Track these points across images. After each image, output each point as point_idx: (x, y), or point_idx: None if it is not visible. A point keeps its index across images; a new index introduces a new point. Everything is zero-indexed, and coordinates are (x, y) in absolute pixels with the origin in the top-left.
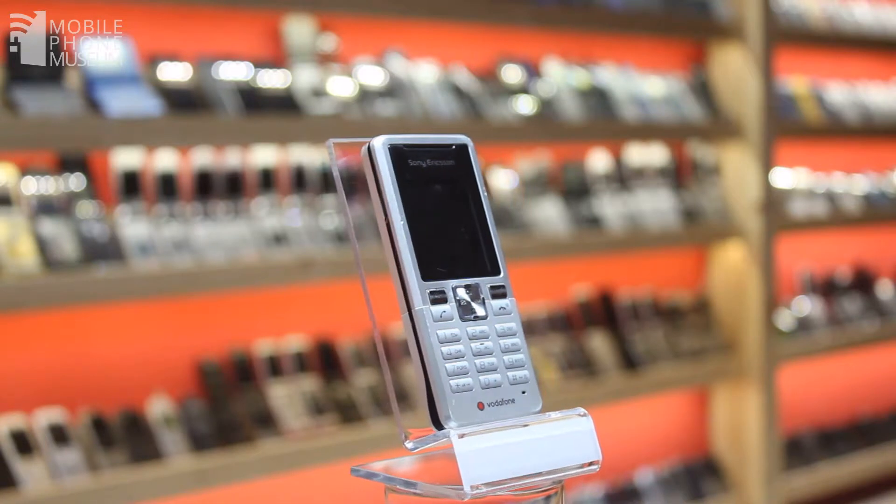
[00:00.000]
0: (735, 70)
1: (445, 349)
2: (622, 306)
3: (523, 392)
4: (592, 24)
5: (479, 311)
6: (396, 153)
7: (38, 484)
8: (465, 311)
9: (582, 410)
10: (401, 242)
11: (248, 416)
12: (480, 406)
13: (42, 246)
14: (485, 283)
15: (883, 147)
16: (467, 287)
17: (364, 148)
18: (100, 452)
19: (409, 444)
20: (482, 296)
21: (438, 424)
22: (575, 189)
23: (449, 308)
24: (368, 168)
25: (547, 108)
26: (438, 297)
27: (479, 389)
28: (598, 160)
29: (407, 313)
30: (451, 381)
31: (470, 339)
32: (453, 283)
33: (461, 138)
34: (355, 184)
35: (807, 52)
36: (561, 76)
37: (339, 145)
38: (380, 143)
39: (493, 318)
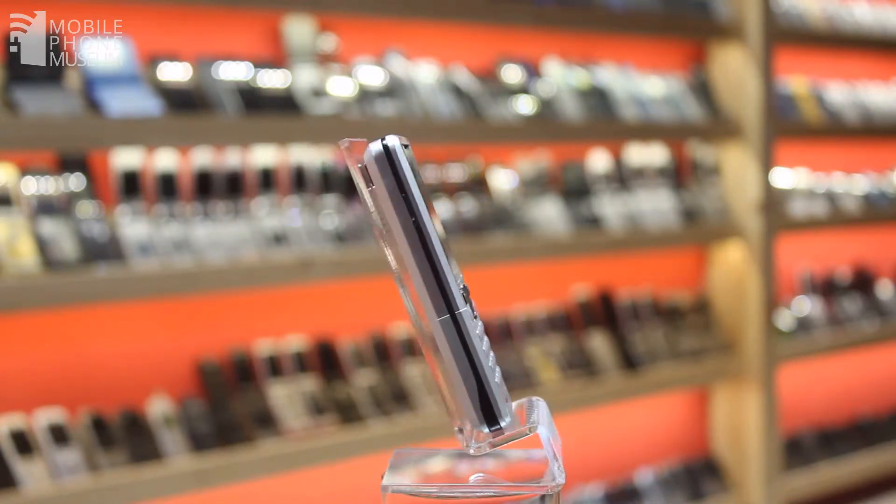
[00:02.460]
0: (735, 70)
1: (483, 349)
2: (622, 306)
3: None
4: (592, 24)
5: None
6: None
7: (38, 484)
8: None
9: (535, 397)
10: (435, 244)
11: (248, 416)
12: (507, 401)
13: (42, 246)
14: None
15: (883, 147)
16: (463, 287)
17: (376, 147)
18: (100, 452)
19: (474, 446)
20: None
21: (492, 422)
22: (575, 189)
23: (469, 308)
24: (385, 167)
25: (547, 108)
26: (465, 298)
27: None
28: (598, 160)
29: (448, 316)
30: (495, 379)
31: (481, 339)
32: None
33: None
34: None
35: (807, 52)
36: (561, 76)
37: (334, 146)
38: (397, 143)
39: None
